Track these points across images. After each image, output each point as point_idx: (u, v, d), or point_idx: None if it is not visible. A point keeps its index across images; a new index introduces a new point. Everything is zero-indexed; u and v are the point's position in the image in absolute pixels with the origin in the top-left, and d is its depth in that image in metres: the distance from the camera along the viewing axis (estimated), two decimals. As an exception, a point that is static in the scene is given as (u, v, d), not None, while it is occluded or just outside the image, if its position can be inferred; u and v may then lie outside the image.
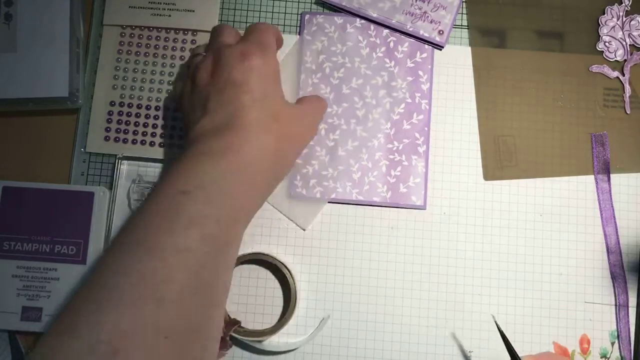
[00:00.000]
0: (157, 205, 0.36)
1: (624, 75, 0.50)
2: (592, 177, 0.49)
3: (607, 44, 0.51)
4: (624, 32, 0.51)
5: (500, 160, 0.50)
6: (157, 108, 0.50)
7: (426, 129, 0.49)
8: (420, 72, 0.50)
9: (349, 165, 0.49)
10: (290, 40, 0.51)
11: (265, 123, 0.40)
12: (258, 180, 0.40)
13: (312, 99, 0.47)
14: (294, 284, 0.47)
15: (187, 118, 0.44)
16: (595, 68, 0.51)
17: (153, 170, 0.49)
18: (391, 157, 0.49)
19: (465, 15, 0.51)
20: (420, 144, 0.49)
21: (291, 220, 0.48)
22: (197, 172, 0.37)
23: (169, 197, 0.36)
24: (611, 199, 0.49)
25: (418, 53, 0.50)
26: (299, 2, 0.52)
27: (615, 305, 0.48)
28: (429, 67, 0.50)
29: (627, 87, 0.50)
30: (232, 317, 0.47)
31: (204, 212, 0.36)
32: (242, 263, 0.48)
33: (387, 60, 0.50)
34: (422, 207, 0.48)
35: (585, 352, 0.47)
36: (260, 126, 0.40)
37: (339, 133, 0.49)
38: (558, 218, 0.49)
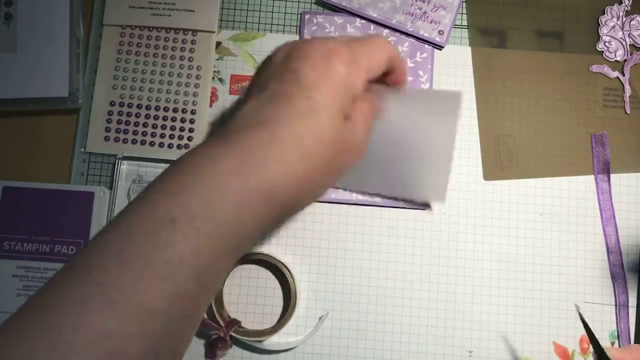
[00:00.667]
0: (130, 234, 0.28)
1: (624, 75, 0.50)
2: (592, 177, 0.49)
3: (607, 44, 0.51)
4: (624, 32, 0.51)
5: (500, 160, 0.50)
6: (157, 108, 0.50)
7: (426, 129, 0.49)
8: (421, 72, 0.50)
9: (349, 165, 0.49)
10: (290, 40, 0.51)
11: (307, 142, 0.32)
12: (269, 215, 0.32)
13: (366, 105, 0.37)
14: (294, 284, 0.47)
15: (247, 89, 0.37)
16: (595, 68, 0.51)
17: (153, 170, 0.49)
18: (391, 157, 0.49)
19: (465, 15, 0.51)
20: (420, 144, 0.49)
21: (420, 201, 0.44)
22: (196, 191, 0.29)
23: (148, 225, 0.29)
24: (611, 199, 0.49)
25: (418, 53, 0.50)
26: (299, 2, 0.52)
27: (615, 305, 0.48)
28: (429, 67, 0.50)
29: (627, 87, 0.50)
30: (232, 317, 0.47)
31: (186, 260, 0.28)
32: (242, 263, 0.48)
33: (387, 60, 0.50)
34: (422, 207, 0.48)
35: (585, 352, 0.47)
36: (299, 149, 0.32)
37: (339, 133, 0.49)
38: (558, 218, 0.49)
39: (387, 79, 0.38)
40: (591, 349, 0.47)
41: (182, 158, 0.32)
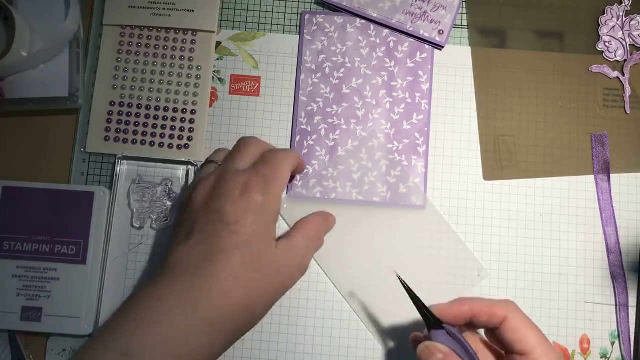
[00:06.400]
0: None
1: (624, 75, 0.50)
2: (592, 177, 0.49)
3: (607, 44, 0.51)
4: (624, 32, 0.51)
5: (500, 160, 0.50)
6: (157, 108, 0.50)
7: (426, 129, 0.49)
8: (420, 72, 0.50)
9: (349, 165, 0.49)
10: (289, 40, 0.51)
11: (241, 273, 0.37)
12: (216, 341, 0.37)
13: (310, 228, 0.43)
14: None
15: (173, 231, 0.42)
16: (595, 68, 0.51)
17: (153, 170, 0.49)
18: (391, 157, 0.49)
19: (465, 15, 0.51)
20: (420, 144, 0.49)
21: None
22: (147, 328, 0.34)
23: (110, 356, 0.33)
24: (611, 199, 0.49)
25: (418, 53, 0.50)
26: (299, 2, 0.52)
27: (616, 305, 0.48)
28: (429, 67, 0.50)
29: (627, 87, 0.50)
30: None
31: None
32: None
33: (387, 60, 0.50)
34: (422, 207, 0.48)
35: (585, 352, 0.47)
36: (235, 277, 0.37)
37: (339, 133, 0.49)
38: (558, 218, 0.49)
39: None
40: (591, 349, 0.47)
41: (133, 297, 0.36)
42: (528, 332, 0.37)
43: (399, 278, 0.40)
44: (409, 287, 0.39)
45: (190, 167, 0.49)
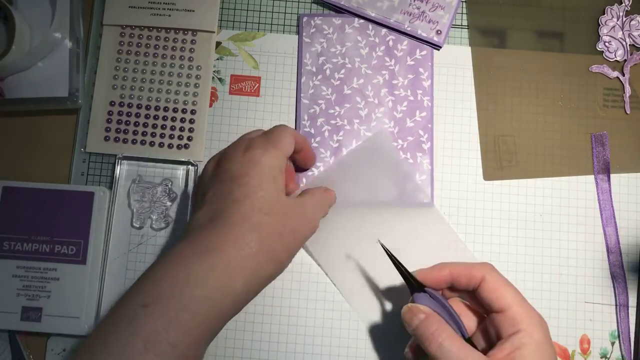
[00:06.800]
0: (114, 318, 0.35)
1: (624, 75, 0.50)
2: (592, 177, 0.49)
3: (607, 44, 0.51)
4: (624, 32, 0.51)
5: (500, 160, 0.50)
6: (157, 108, 0.50)
7: (429, 125, 0.49)
8: (421, 69, 0.50)
9: (355, 165, 0.49)
10: (289, 40, 0.51)
11: (253, 217, 0.39)
12: (234, 285, 0.37)
13: (316, 192, 0.45)
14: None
15: (193, 206, 0.45)
16: (595, 68, 0.51)
17: (153, 170, 0.49)
18: (396, 155, 0.49)
19: (465, 15, 0.51)
20: (424, 141, 0.49)
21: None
22: (165, 280, 0.36)
23: (128, 310, 0.35)
24: (611, 199, 0.49)
25: (417, 50, 0.50)
26: (298, 2, 0.52)
27: (616, 305, 0.48)
28: (429, 64, 0.50)
29: (627, 87, 0.50)
30: None
31: (161, 334, 0.34)
32: None
33: (387, 59, 0.50)
34: (430, 205, 0.48)
35: (585, 352, 0.47)
36: (248, 222, 0.38)
37: (343, 134, 0.49)
38: (558, 218, 0.49)
39: (298, 156, 0.45)
40: (591, 349, 0.47)
41: (160, 258, 0.38)
42: (505, 290, 0.38)
43: (382, 245, 0.41)
44: (391, 254, 0.41)
45: (190, 167, 0.49)
